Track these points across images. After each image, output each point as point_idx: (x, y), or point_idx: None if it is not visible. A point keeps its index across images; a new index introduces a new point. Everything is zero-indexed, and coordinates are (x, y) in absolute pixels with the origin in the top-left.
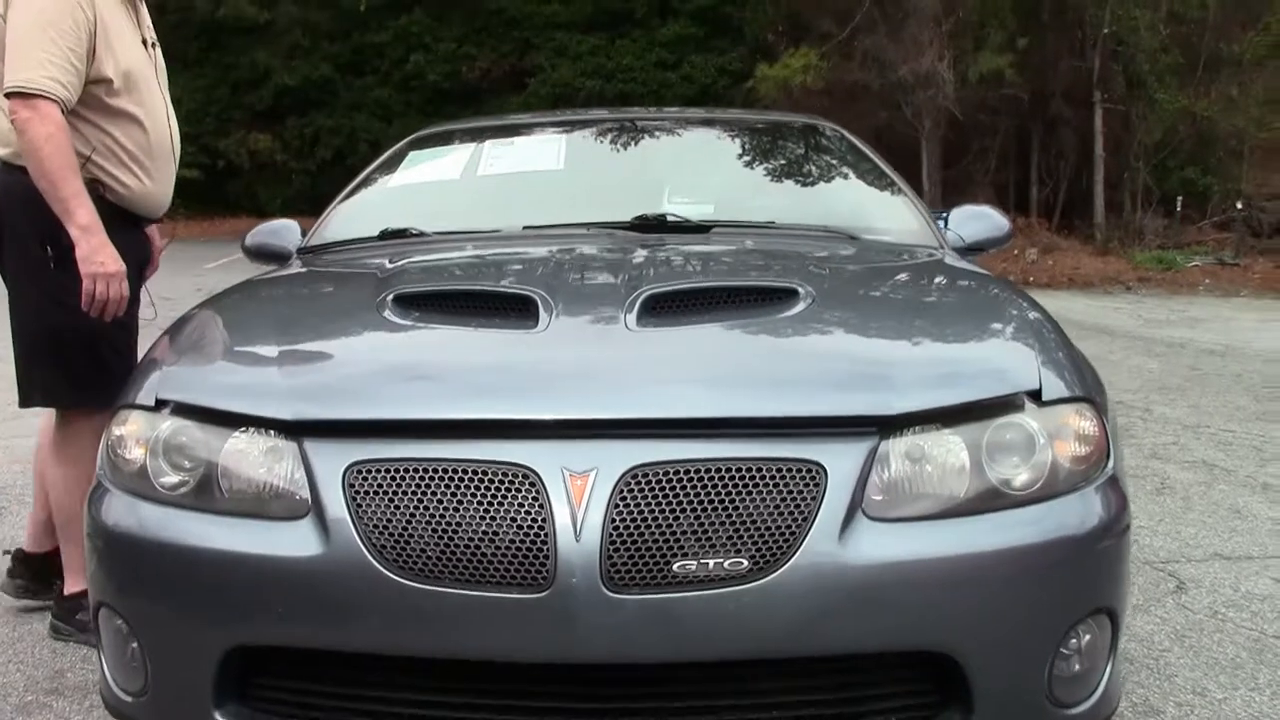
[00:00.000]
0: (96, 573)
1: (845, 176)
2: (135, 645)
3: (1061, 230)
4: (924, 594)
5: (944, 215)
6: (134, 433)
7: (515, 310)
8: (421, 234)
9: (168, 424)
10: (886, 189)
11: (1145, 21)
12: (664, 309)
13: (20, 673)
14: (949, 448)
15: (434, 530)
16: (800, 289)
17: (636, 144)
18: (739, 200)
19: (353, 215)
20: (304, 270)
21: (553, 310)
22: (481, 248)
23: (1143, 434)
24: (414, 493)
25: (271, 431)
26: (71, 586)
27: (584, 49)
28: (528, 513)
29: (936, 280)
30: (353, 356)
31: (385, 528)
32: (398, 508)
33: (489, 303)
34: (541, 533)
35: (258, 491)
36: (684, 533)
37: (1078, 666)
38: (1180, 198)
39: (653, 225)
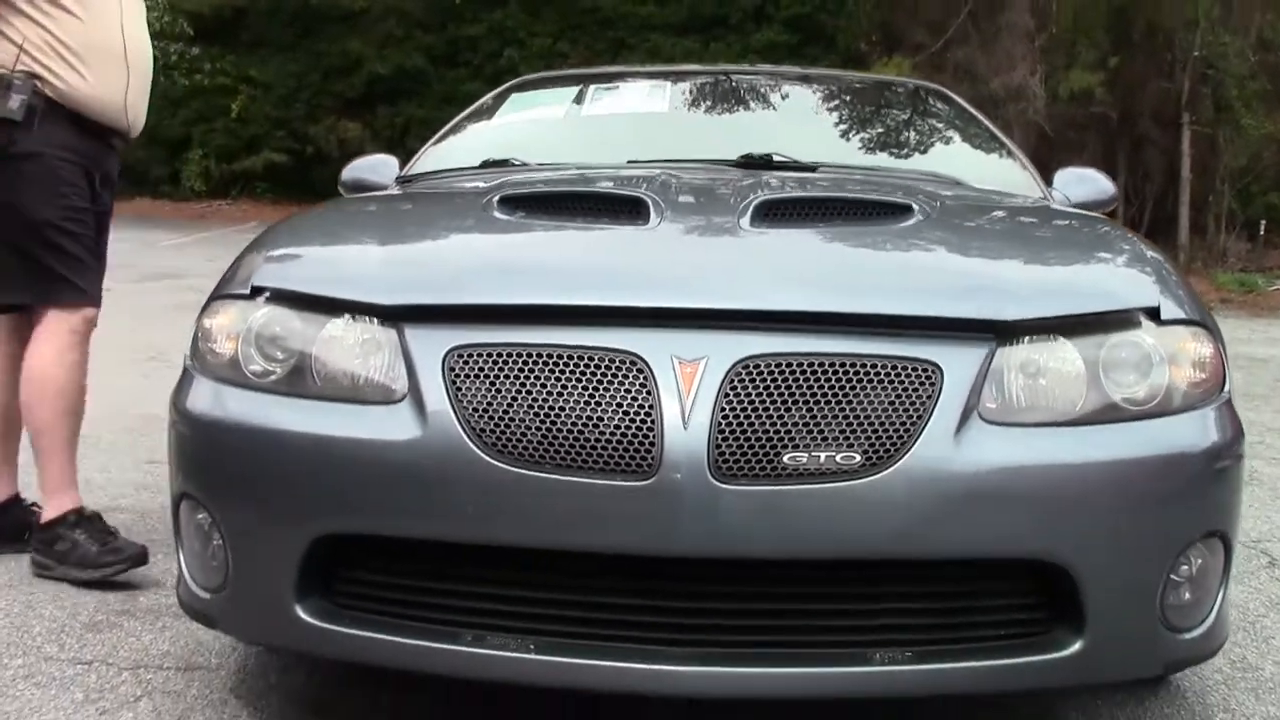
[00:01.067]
0: (179, 463)
1: (953, 135)
2: (217, 539)
3: None
4: (1038, 501)
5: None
6: (226, 324)
7: (626, 211)
8: (524, 164)
9: (263, 312)
10: (995, 149)
11: (1235, 48)
12: (779, 215)
13: (91, 595)
14: (1066, 358)
15: (536, 415)
16: (915, 205)
17: (741, 93)
18: (845, 149)
19: (453, 149)
20: (402, 192)
21: (664, 211)
22: (585, 172)
23: None
24: (516, 378)
25: (370, 319)
26: (50, 512)
27: (678, 51)
28: (634, 399)
29: (1048, 217)
30: (456, 247)
31: (485, 412)
32: (499, 392)
33: (598, 204)
34: (648, 419)
35: (353, 379)
36: (795, 425)
37: (1190, 591)
38: (1264, 222)
39: (759, 163)
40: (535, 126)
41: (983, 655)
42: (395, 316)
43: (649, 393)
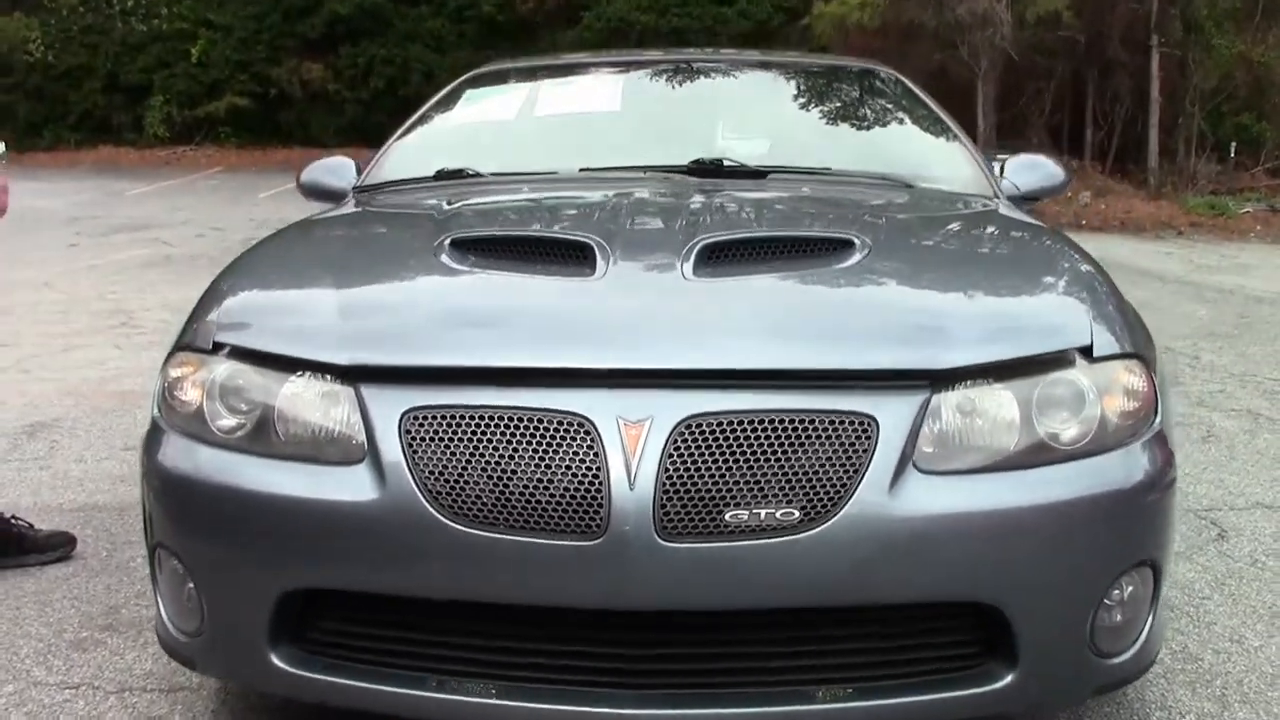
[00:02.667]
0: (152, 514)
1: (901, 122)
2: (191, 586)
3: (1114, 174)
4: (972, 546)
5: (1000, 160)
6: (190, 375)
7: (573, 257)
8: (478, 175)
9: (224, 367)
10: (943, 136)
11: None
12: (720, 258)
13: (75, 608)
14: (1000, 402)
15: (489, 476)
16: (856, 240)
17: (693, 85)
18: (795, 144)
19: (408, 154)
20: (360, 210)
21: (610, 257)
22: (538, 190)
23: (1190, 382)
24: (470, 439)
25: (328, 376)
26: None
27: None
28: (582, 461)
29: (989, 231)
30: (409, 301)
31: (441, 473)
32: (453, 454)
33: (546, 249)
34: (596, 481)
35: (314, 435)
36: (737, 483)
37: (1119, 617)
38: (1234, 144)
39: (710, 170)
40: (488, 131)
41: (920, 690)
42: (352, 376)
43: (596, 454)
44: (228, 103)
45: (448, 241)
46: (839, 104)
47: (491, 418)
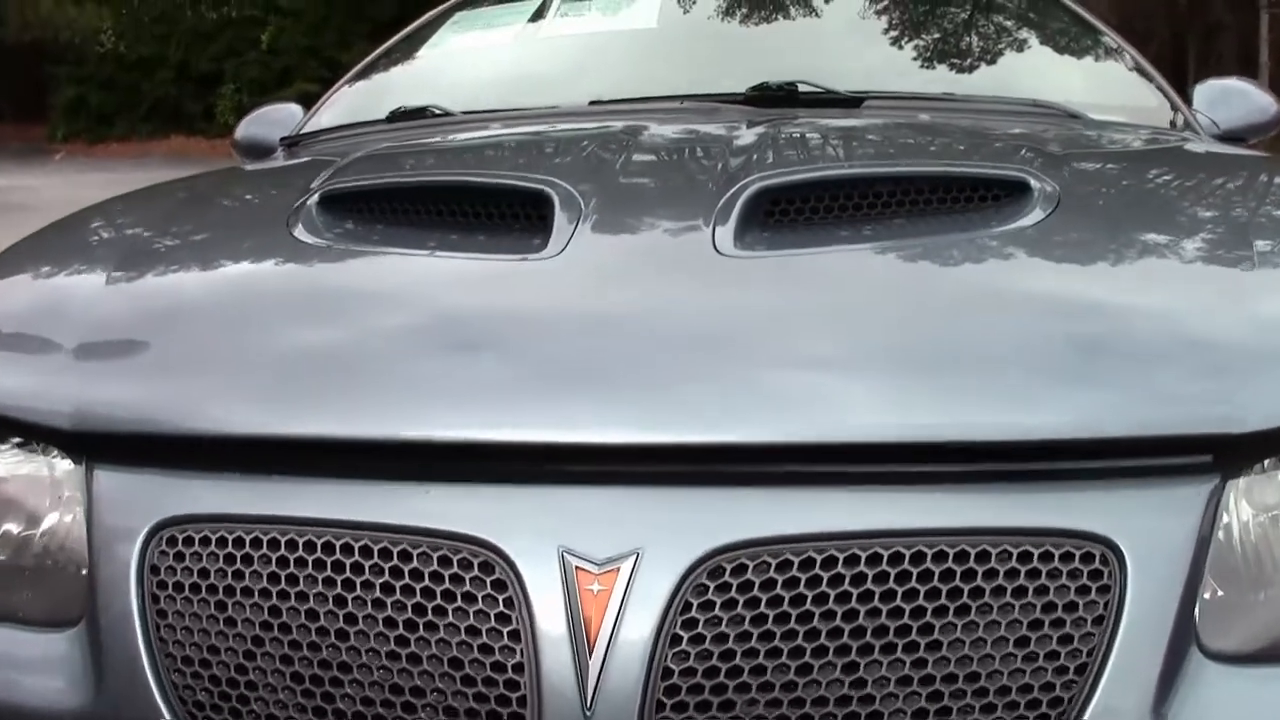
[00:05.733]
0: None
1: (1052, 37)
2: None
3: None
4: None
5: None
6: None
7: (515, 218)
8: (446, 113)
9: None
10: (1110, 56)
11: None
12: (784, 216)
13: None
14: None
15: (295, 669)
16: (1032, 181)
17: None
18: (903, 67)
19: (366, 92)
20: (227, 171)
21: (579, 217)
22: (513, 126)
23: None
24: (268, 590)
25: (48, 448)
26: None
27: None
28: (484, 641)
29: (1231, 186)
30: (207, 312)
31: (201, 659)
32: (233, 620)
33: (472, 204)
34: (513, 686)
35: (10, 575)
36: (825, 693)
37: None
38: None
39: (777, 97)
40: (475, 57)
41: None
42: (83, 448)
43: (514, 629)
44: (298, 89)
45: (314, 202)
46: (962, 15)
47: (314, 545)
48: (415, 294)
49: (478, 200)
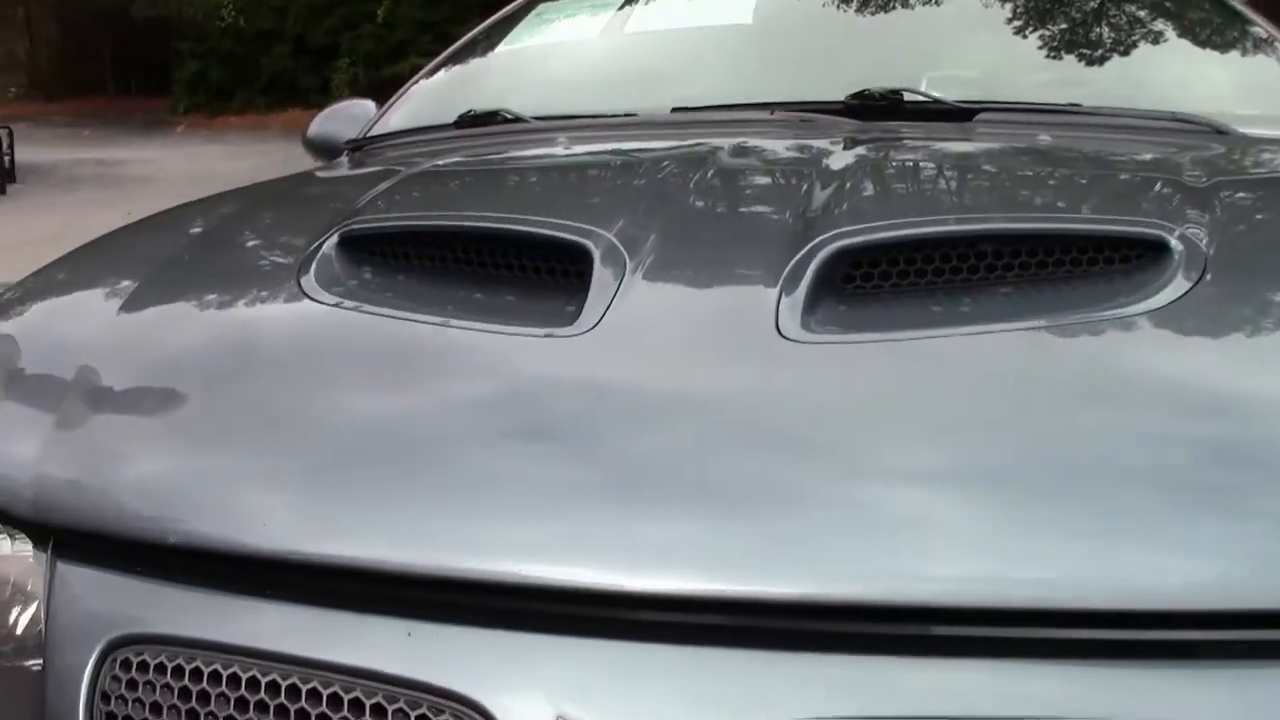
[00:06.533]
0: None
1: (1191, 29)
2: None
3: None
4: None
5: None
6: None
7: (553, 272)
8: (517, 119)
9: None
10: (1260, 50)
11: None
12: (866, 282)
13: None
14: None
15: None
16: (1172, 240)
17: None
18: (1021, 67)
19: (438, 90)
20: (295, 183)
21: (621, 275)
22: (581, 140)
23: None
24: None
25: (10, 538)
26: None
27: None
28: None
29: None
30: (197, 394)
31: None
32: None
33: (508, 254)
34: None
35: None
36: None
37: None
38: None
39: (879, 108)
40: (552, 53)
41: None
42: (45, 538)
43: None
44: (412, 63)
45: (333, 244)
46: (1090, 11)
47: (277, 687)
48: (421, 380)
49: (511, 251)
